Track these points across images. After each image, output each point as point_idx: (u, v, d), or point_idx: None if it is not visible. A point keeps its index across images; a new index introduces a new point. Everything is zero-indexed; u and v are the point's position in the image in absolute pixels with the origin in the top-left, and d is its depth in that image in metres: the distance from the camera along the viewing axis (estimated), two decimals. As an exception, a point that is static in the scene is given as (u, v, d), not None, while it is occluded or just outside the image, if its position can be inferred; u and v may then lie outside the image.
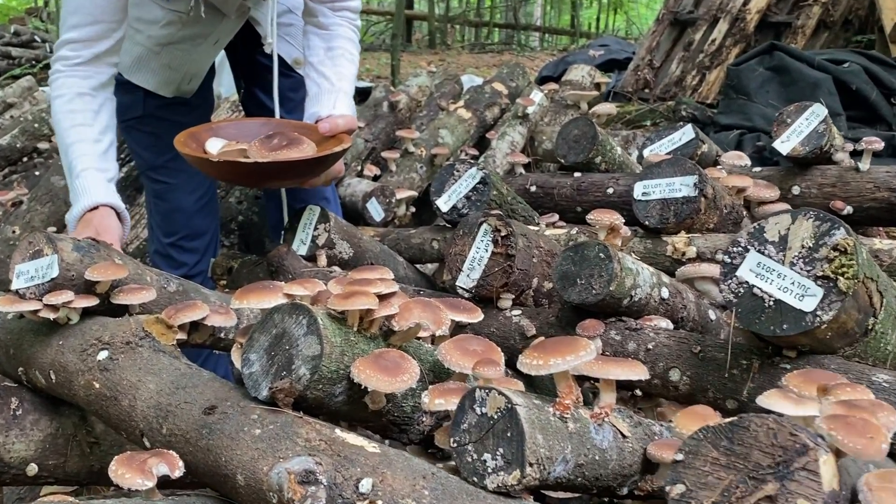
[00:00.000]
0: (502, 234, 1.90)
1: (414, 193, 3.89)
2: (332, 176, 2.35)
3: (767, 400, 1.21)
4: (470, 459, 1.25)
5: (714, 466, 1.09)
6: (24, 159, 6.19)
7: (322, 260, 2.25)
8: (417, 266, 2.71)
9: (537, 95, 4.43)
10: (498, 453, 1.22)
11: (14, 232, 3.67)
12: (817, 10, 8.14)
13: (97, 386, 1.58)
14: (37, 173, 5.70)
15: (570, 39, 20.20)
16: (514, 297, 1.93)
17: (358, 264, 2.41)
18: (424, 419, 1.60)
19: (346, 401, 1.46)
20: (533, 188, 2.99)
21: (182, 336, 1.74)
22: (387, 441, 1.62)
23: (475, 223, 1.96)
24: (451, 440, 1.27)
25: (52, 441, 1.69)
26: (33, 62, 11.69)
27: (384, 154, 4.01)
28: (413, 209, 4.01)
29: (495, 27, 20.41)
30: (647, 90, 8.54)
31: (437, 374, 1.62)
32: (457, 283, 1.94)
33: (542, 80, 7.94)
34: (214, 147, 2.14)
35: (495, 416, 1.23)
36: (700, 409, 1.33)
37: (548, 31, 21.70)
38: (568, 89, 4.90)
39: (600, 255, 1.73)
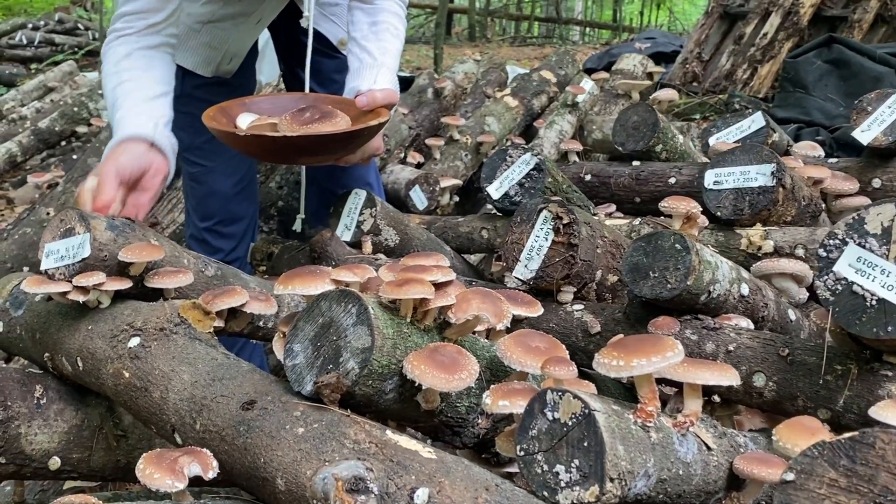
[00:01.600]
0: (564, 221, 1.75)
1: (458, 182, 3.75)
2: (369, 153, 2.19)
3: (884, 412, 1.05)
4: (539, 471, 1.10)
5: (832, 489, 0.94)
6: (63, 143, 6.17)
7: (367, 247, 2.12)
8: (465, 256, 2.57)
9: (588, 84, 4.26)
10: (573, 465, 1.07)
11: (48, 213, 3.59)
12: (875, 4, 7.84)
13: (127, 375, 1.46)
14: (74, 157, 5.67)
15: (611, 34, 19.90)
16: (575, 290, 1.78)
17: (404, 252, 2.27)
18: (480, 421, 1.46)
19: (396, 399, 1.32)
20: (588, 177, 2.83)
21: (219, 323, 1.62)
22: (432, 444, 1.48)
23: (534, 209, 1.81)
24: (518, 448, 1.13)
25: (76, 433, 1.57)
26: (76, 49, 11.75)
27: (428, 141, 3.87)
28: (456, 198, 3.87)
29: (536, 21, 20.18)
30: (695, 83, 8.31)
31: (493, 372, 1.47)
32: (513, 274, 1.80)
33: (586, 73, 7.76)
34: (245, 122, 2.01)
35: (570, 423, 1.09)
36: (807, 422, 1.17)
37: (589, 25, 21.42)
38: (619, 78, 4.73)
39: (676, 245, 1.57)
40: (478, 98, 4.65)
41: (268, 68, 3.92)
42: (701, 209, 1.89)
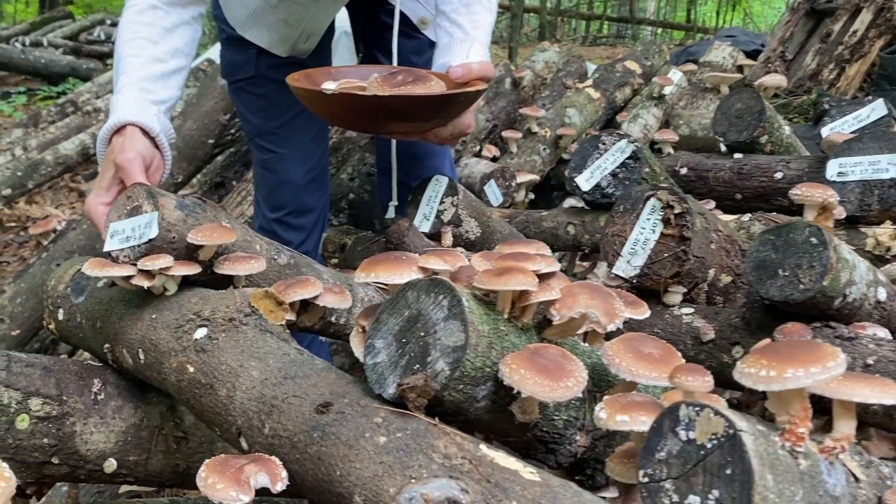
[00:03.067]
0: (676, 211, 1.56)
1: (535, 178, 3.57)
2: (460, 130, 2.01)
3: None
4: (668, 502, 0.92)
5: None
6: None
7: (447, 238, 1.96)
8: (550, 252, 2.39)
9: (676, 75, 4.03)
10: (710, 497, 0.89)
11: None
12: (975, -2, 7.37)
13: (191, 370, 1.33)
14: (148, 148, 5.66)
15: (684, 34, 19.42)
16: (685, 291, 1.59)
17: (485, 246, 2.10)
18: (578, 438, 1.29)
19: (488, 407, 1.16)
20: (684, 171, 2.62)
21: (291, 316, 1.48)
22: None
23: (640, 197, 1.62)
24: (641, 473, 0.95)
25: (135, 433, 1.45)
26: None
27: (505, 134, 3.70)
28: (532, 196, 3.69)
29: (608, 20, 19.84)
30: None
31: (593, 381, 1.29)
32: (614, 271, 1.61)
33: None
34: (330, 87, 1.87)
35: (708, 445, 0.90)
36: None
37: (662, 26, 20.96)
38: (707, 71, 4.49)
39: (812, 239, 1.36)
40: (556, 90, 4.46)
41: (340, 55, 3.79)
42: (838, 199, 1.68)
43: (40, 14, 14.86)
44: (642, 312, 1.42)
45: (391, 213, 2.47)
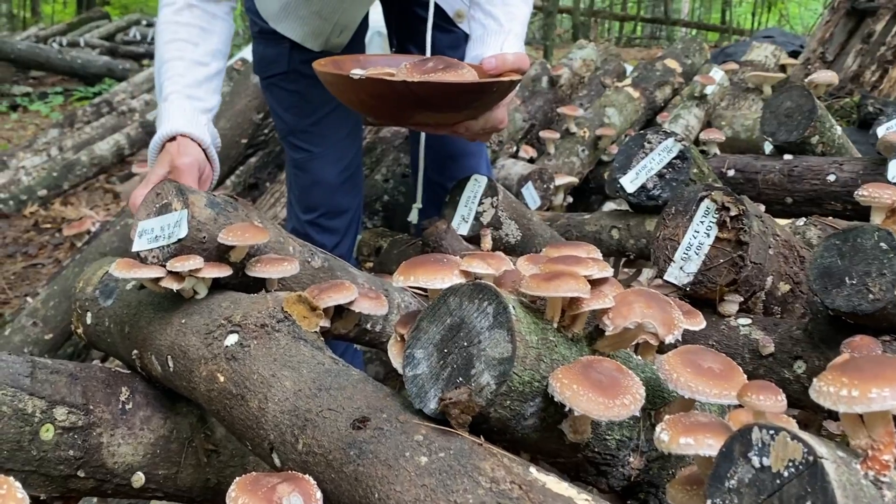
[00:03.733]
0: (732, 213, 1.46)
1: (574, 180, 3.48)
2: (492, 124, 1.91)
3: None
4: (740, 533, 0.83)
5: None
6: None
7: (487, 242, 1.88)
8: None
9: (718, 73, 3.92)
10: (789, 530, 0.80)
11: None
12: None
13: (221, 379, 1.26)
14: (181, 149, 5.65)
15: (719, 35, 19.16)
16: (742, 299, 1.50)
17: (525, 250, 2.02)
18: (632, 459, 1.20)
19: (536, 426, 1.08)
20: (731, 172, 2.52)
21: (325, 323, 1.42)
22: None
23: (694, 198, 1.53)
24: (709, 502, 0.86)
25: (164, 445, 1.38)
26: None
27: (542, 134, 3.61)
28: (570, 199, 3.60)
29: (642, 21, 19.64)
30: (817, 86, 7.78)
31: (647, 396, 1.21)
32: (665, 278, 1.52)
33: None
34: (358, 74, 1.80)
35: (785, 474, 0.81)
36: None
37: (696, 27, 20.72)
38: (748, 70, 4.37)
39: (882, 244, 1.26)
40: (595, 88, 4.36)
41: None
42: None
43: (78, 14, 15.05)
44: (698, 323, 1.33)
45: (414, 217, 2.39)
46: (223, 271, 1.37)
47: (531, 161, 3.59)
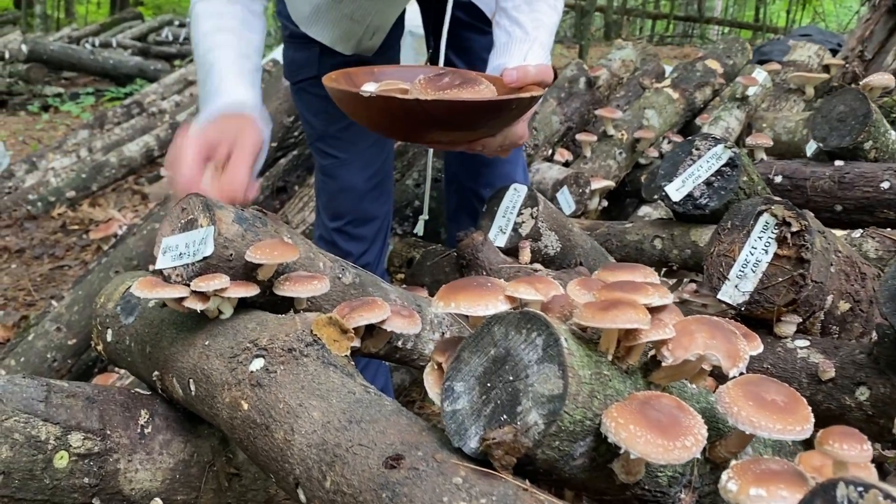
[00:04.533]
0: (793, 229, 1.36)
1: (611, 184, 3.37)
2: (511, 141, 1.79)
3: None
4: None
5: None
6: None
7: (526, 255, 1.78)
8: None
9: (761, 75, 3.79)
10: None
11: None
12: None
13: (245, 407, 1.19)
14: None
15: (753, 34, 18.86)
16: (800, 320, 1.39)
17: (564, 262, 1.93)
18: (683, 496, 1.10)
19: (586, 466, 0.98)
20: (778, 178, 2.40)
21: (355, 343, 1.33)
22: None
23: (751, 212, 1.42)
24: (788, 564, 0.77)
25: (183, 470, 1.31)
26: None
27: (579, 137, 3.51)
28: (605, 203, 3.49)
29: (675, 19, 19.39)
30: (855, 84, 7.58)
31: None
32: (720, 296, 1.42)
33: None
34: (370, 89, 1.70)
35: (879, 539, 0.72)
36: None
37: (730, 25, 20.42)
38: (791, 71, 4.23)
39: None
40: (633, 90, 4.24)
41: (405, 55, 3.65)
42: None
43: (111, 15, 15.16)
44: (755, 347, 1.23)
45: (420, 229, 2.29)
46: (250, 291, 1.29)
47: (566, 164, 3.49)
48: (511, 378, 0.95)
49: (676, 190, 2.01)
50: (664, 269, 2.25)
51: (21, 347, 2.90)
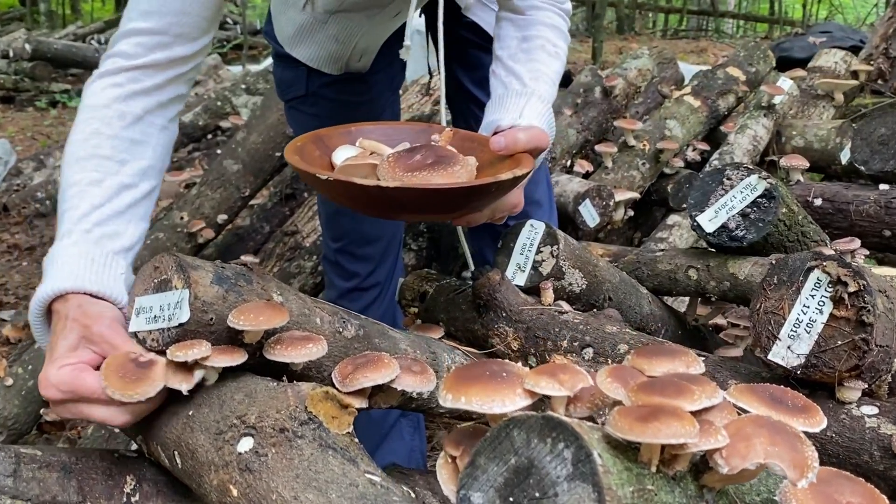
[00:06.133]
0: (850, 289, 1.20)
1: (635, 195, 3.22)
2: (503, 211, 1.62)
3: None
4: None
5: None
6: (209, 136, 6.04)
7: (548, 296, 1.63)
8: (663, 298, 2.05)
9: (786, 83, 3.62)
10: None
11: (182, 218, 3.31)
12: None
13: (234, 493, 1.04)
14: (218, 151, 5.50)
15: (768, 27, 18.58)
16: (865, 386, 1.24)
17: (591, 298, 1.78)
18: None
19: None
20: (818, 202, 2.24)
21: (362, 404, 1.19)
22: None
23: (801, 268, 1.27)
24: None
25: (172, 547, 1.17)
26: (223, 43, 11.86)
27: (598, 147, 3.35)
28: (631, 212, 3.34)
29: (689, 13, 19.13)
30: (880, 81, 7.39)
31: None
32: (770, 357, 1.26)
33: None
34: (342, 157, 1.51)
35: None
36: None
37: (745, 18, 20.15)
38: (818, 77, 4.06)
39: None
40: (650, 97, 4.08)
41: (412, 66, 3.49)
42: None
43: (116, 12, 15.04)
44: (817, 423, 1.06)
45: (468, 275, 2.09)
46: (236, 359, 1.14)
47: (586, 176, 3.33)
48: (538, 495, 0.79)
49: (709, 220, 1.86)
50: (699, 299, 2.10)
51: (28, 354, 2.78)
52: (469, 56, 2.19)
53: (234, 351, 1.16)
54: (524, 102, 1.64)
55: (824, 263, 1.24)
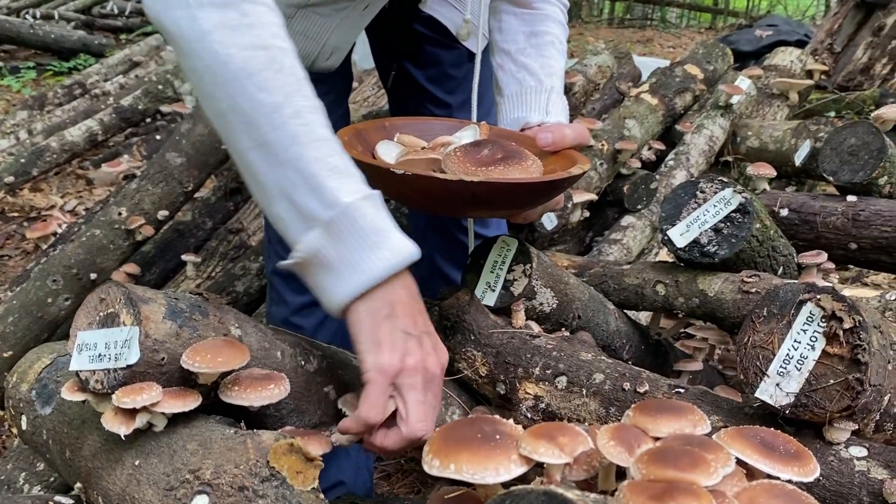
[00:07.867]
0: (845, 325, 1.14)
1: (593, 196, 3.16)
2: (549, 209, 1.67)
3: None
4: None
5: None
6: (148, 120, 5.81)
7: (520, 318, 1.55)
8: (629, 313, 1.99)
9: (744, 83, 3.60)
10: None
11: (120, 214, 3.14)
12: None
13: (187, 558, 0.94)
14: (157, 137, 5.28)
15: (712, 17, 18.80)
16: (856, 427, 1.18)
17: (560, 318, 1.70)
18: None
19: None
20: (784, 212, 2.20)
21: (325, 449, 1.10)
22: None
23: (792, 301, 1.20)
24: None
25: None
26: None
27: (556, 146, 3.27)
28: (587, 213, 3.28)
29: (635, 1, 19.24)
30: (824, 77, 7.52)
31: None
32: (758, 395, 1.20)
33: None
34: (388, 154, 1.45)
35: None
36: None
37: (689, 8, 20.35)
38: (773, 76, 4.06)
39: None
40: (607, 95, 4.03)
41: (362, 48, 3.33)
42: None
43: (52, -15, 14.42)
44: (810, 472, 1.01)
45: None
46: (188, 403, 1.03)
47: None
48: (539, 582, 0.71)
49: (680, 235, 1.79)
50: (661, 315, 2.04)
51: None
52: (424, 52, 2.11)
53: (188, 394, 1.05)
54: (545, 99, 1.66)
55: (818, 297, 1.18)
